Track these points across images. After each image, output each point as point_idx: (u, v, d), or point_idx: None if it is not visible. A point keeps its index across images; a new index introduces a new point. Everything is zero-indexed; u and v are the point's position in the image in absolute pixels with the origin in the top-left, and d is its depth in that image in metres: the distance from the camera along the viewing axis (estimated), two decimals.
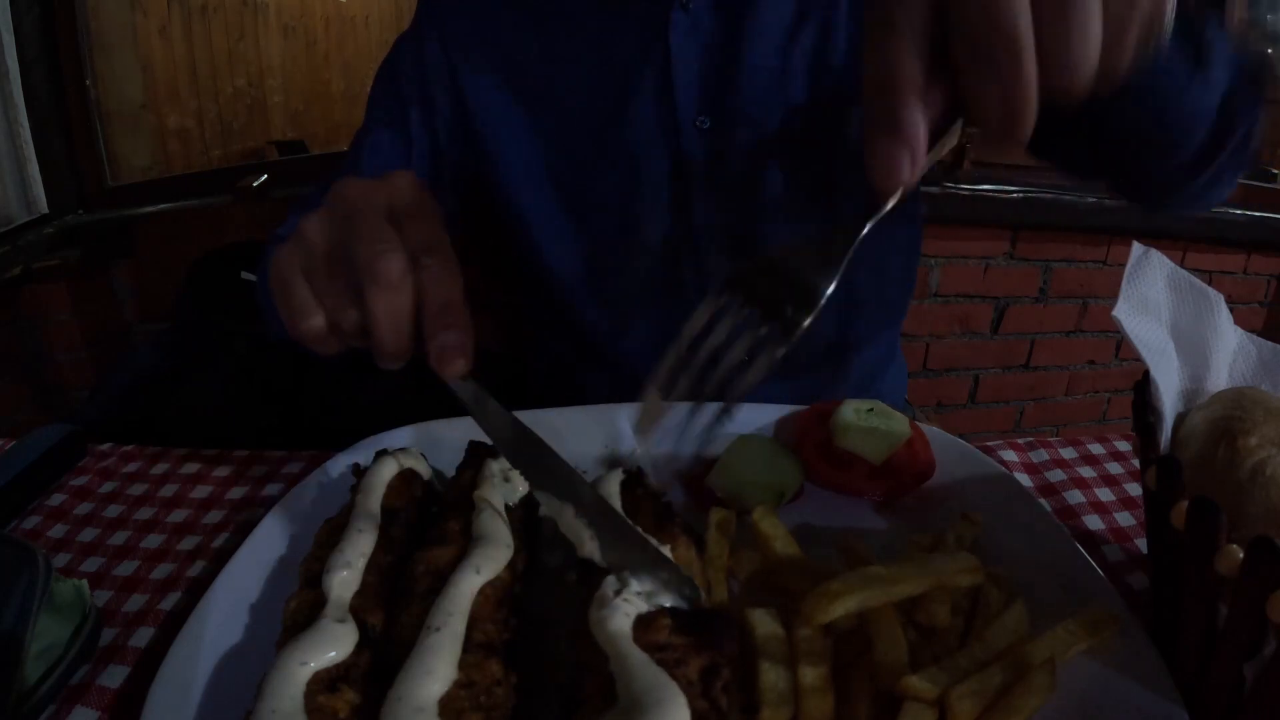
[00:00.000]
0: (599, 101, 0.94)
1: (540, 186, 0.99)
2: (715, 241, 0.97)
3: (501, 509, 0.57)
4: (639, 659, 0.43)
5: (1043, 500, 0.73)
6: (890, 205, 0.43)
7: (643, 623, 0.46)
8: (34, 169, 1.71)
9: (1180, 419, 0.56)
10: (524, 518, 0.59)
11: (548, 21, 0.95)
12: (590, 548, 0.51)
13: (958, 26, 0.39)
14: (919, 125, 0.40)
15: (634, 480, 0.62)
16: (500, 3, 0.96)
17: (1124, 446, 0.83)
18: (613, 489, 0.60)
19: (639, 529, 0.53)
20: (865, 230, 0.44)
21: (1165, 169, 0.72)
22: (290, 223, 0.89)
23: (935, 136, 0.41)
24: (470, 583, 0.50)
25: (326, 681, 0.45)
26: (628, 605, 0.47)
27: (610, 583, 0.49)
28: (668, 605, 0.48)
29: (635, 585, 0.48)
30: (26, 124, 1.68)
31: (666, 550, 0.52)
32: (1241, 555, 0.41)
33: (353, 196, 0.54)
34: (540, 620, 0.53)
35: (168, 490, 0.75)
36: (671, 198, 0.96)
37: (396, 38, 1.03)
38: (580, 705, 0.44)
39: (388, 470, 0.62)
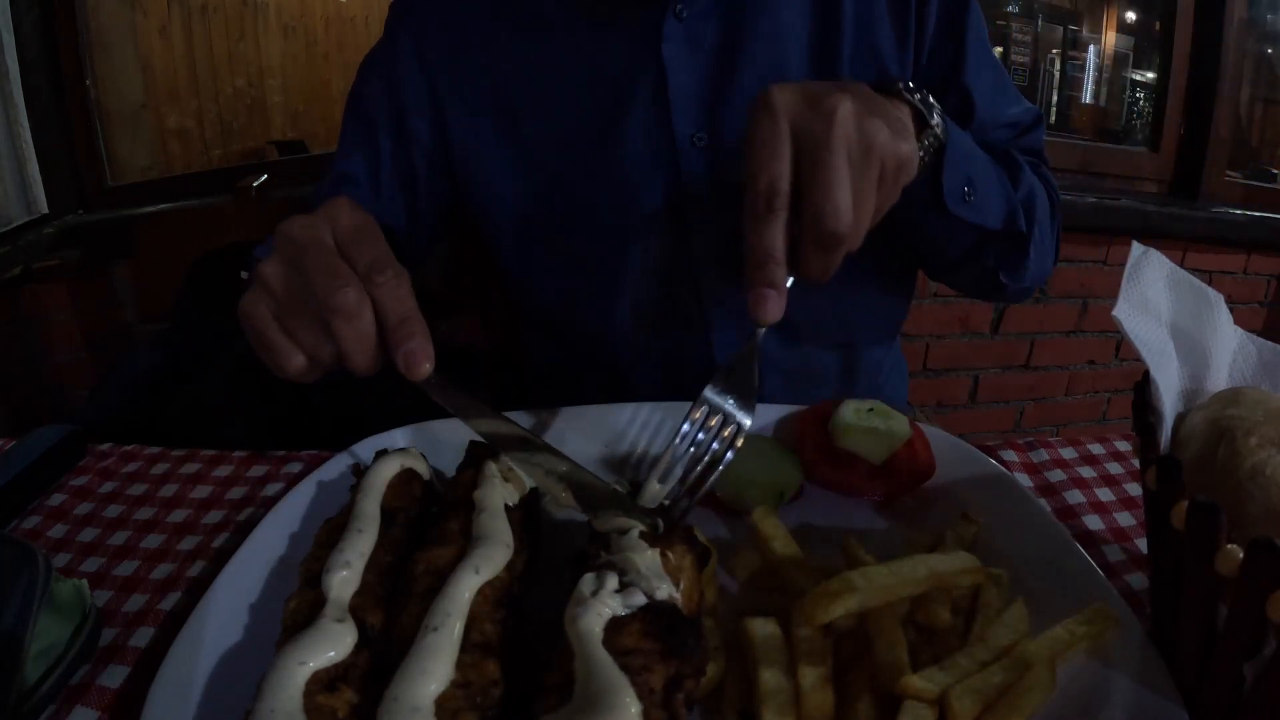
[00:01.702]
0: (589, 118, 0.90)
1: (528, 209, 0.95)
2: (715, 264, 0.93)
3: (501, 509, 0.57)
4: (603, 660, 0.43)
5: (1043, 500, 0.73)
6: (764, 331, 0.62)
7: (615, 625, 0.46)
8: (34, 169, 1.71)
9: (1180, 419, 0.56)
10: (524, 518, 0.59)
11: (532, 33, 0.90)
12: (566, 498, 0.60)
13: (809, 229, 0.58)
14: (785, 282, 0.59)
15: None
16: (481, 14, 0.92)
17: (1124, 446, 0.82)
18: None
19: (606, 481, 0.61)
20: (756, 345, 0.64)
21: (933, 261, 0.99)
22: (269, 243, 0.86)
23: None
24: (469, 583, 0.50)
25: (326, 681, 0.45)
26: (602, 606, 0.46)
27: (588, 580, 0.49)
28: (644, 604, 0.47)
29: (612, 584, 0.48)
30: (26, 124, 1.68)
31: (656, 554, 0.52)
32: (1241, 555, 0.41)
33: (297, 236, 0.58)
34: (539, 620, 0.53)
35: (168, 490, 0.75)
36: (668, 219, 0.92)
37: (363, 61, 0.98)
38: (539, 697, 0.45)
39: (388, 470, 0.62)
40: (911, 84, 0.71)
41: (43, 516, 0.71)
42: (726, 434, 0.62)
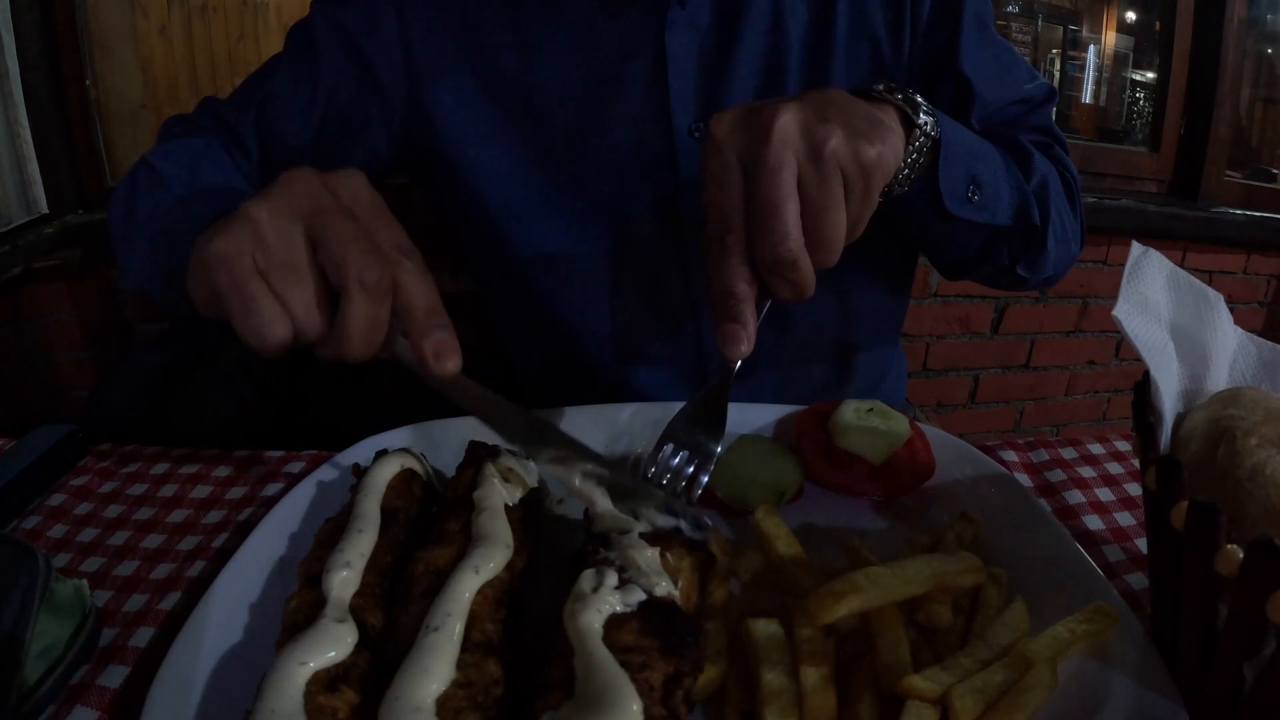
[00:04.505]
0: (581, 104, 0.87)
1: (512, 198, 0.92)
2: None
3: (501, 509, 0.57)
4: (603, 657, 0.44)
5: (1043, 500, 0.73)
6: (737, 367, 0.63)
7: (614, 622, 0.46)
8: (34, 169, 1.71)
9: (1180, 419, 0.56)
10: (524, 517, 0.59)
11: (529, 9, 0.86)
12: (603, 503, 0.57)
13: (761, 257, 0.57)
14: (751, 316, 0.58)
15: None
16: None
17: (1124, 446, 0.82)
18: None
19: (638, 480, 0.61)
20: (730, 383, 0.65)
21: (946, 261, 0.98)
22: (159, 167, 0.79)
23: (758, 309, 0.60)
24: (469, 582, 0.50)
25: (326, 681, 0.45)
26: (601, 602, 0.47)
27: (587, 577, 0.49)
28: (643, 600, 0.47)
29: (612, 581, 0.48)
30: (26, 124, 1.67)
31: (656, 553, 0.52)
32: (1241, 555, 0.41)
33: (315, 191, 0.52)
34: (539, 620, 0.53)
35: (168, 490, 0.75)
36: (660, 211, 0.90)
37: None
38: (541, 693, 0.45)
39: (388, 470, 0.62)
40: (894, 84, 0.69)
41: (43, 516, 0.71)
42: (690, 470, 0.63)
